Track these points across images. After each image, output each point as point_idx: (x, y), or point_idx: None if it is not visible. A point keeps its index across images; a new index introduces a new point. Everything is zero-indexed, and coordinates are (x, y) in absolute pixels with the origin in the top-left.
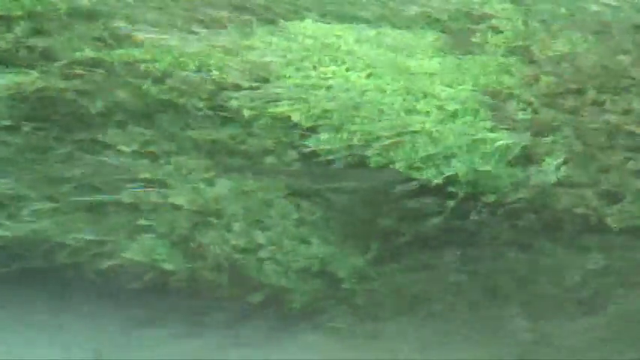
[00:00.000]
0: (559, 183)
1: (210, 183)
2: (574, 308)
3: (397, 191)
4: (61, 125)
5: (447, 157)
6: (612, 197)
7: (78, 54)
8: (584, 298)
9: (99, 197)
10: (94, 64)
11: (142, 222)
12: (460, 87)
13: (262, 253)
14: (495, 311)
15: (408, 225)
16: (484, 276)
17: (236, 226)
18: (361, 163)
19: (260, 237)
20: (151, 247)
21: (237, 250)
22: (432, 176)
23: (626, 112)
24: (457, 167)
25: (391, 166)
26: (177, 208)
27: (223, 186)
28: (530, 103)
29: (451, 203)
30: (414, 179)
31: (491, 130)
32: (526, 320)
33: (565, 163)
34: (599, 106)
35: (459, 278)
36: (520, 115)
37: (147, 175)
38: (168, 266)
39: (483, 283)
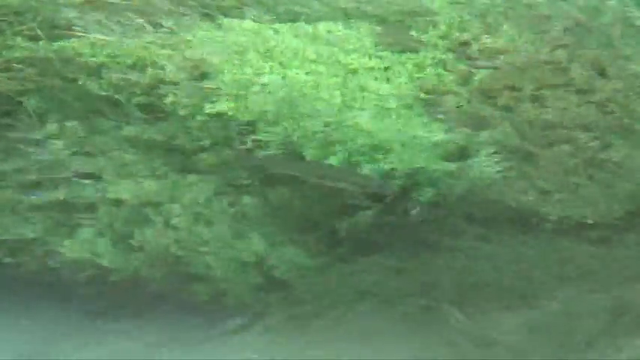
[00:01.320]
0: (494, 178)
1: (148, 178)
2: (511, 302)
3: (334, 186)
4: None
5: (383, 153)
6: (548, 192)
7: (13, 50)
8: (521, 292)
9: (35, 194)
10: (30, 59)
11: (81, 218)
12: (397, 83)
13: (202, 248)
14: (432, 304)
15: (346, 220)
16: (421, 270)
17: (176, 221)
18: (298, 158)
19: (200, 232)
20: (90, 243)
21: (178, 245)
22: (367, 171)
23: (563, 108)
24: (393, 162)
25: (328, 161)
26: (116, 203)
27: (161, 182)
28: (466, 99)
29: (388, 198)
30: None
31: (427, 125)
32: (463, 314)
33: (501, 158)
34: (535, 102)
35: (396, 272)
36: (456, 111)
37: (83, 171)
38: (107, 262)
39: (420, 276)
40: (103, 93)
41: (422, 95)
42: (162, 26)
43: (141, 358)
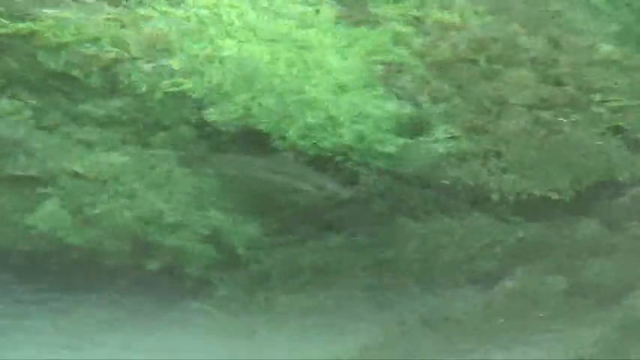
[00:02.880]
0: (449, 153)
1: (107, 153)
2: (467, 281)
3: (290, 161)
4: None
5: (338, 127)
6: (504, 169)
7: None
8: (478, 270)
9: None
10: None
11: (41, 191)
12: (353, 58)
13: (161, 221)
14: (386, 281)
15: (300, 195)
16: (376, 246)
17: (135, 195)
18: (254, 133)
19: (159, 205)
20: (51, 215)
21: (136, 218)
22: (322, 146)
23: (519, 83)
24: (348, 137)
25: (283, 135)
26: (76, 176)
27: (120, 156)
28: (421, 74)
29: (342, 173)
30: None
31: (383, 100)
32: (418, 291)
33: (457, 133)
34: (490, 78)
35: (351, 248)
36: (411, 86)
37: (41, 145)
38: (66, 235)
39: (375, 253)
40: (62, 70)
41: (378, 70)
42: (121, 3)
43: (93, 334)
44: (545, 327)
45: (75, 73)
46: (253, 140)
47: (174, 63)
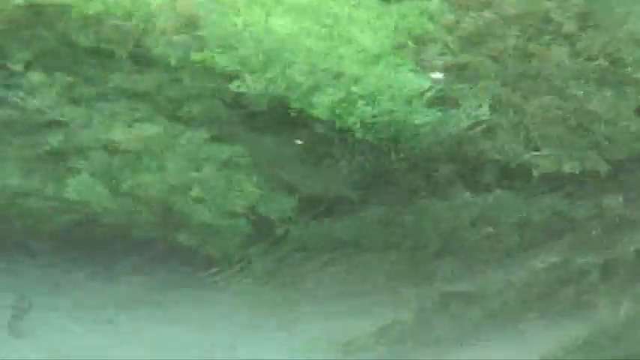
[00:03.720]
0: (477, 128)
1: (138, 126)
2: (496, 260)
3: (319, 134)
4: None
5: (366, 101)
6: (534, 144)
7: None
8: (509, 248)
9: (28, 141)
10: (26, 7)
11: (74, 163)
12: (382, 31)
13: (192, 195)
14: (418, 256)
15: (331, 169)
16: (407, 221)
17: (166, 168)
18: (282, 106)
19: (190, 179)
20: (84, 187)
21: (168, 190)
22: (351, 119)
23: (548, 57)
24: (376, 110)
25: (312, 109)
26: (108, 149)
27: (151, 129)
28: (451, 48)
29: (370, 147)
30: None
31: (413, 74)
32: (449, 268)
33: (486, 108)
34: (520, 52)
35: (383, 223)
36: (441, 60)
37: (73, 119)
38: (99, 207)
39: (406, 228)
40: (93, 43)
41: (408, 44)
42: None
43: (123, 307)
44: (577, 304)
45: (105, 46)
46: (283, 114)
47: (204, 35)
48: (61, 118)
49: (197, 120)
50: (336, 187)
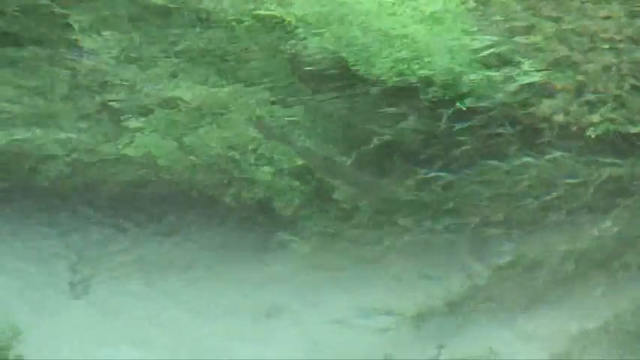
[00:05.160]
0: (536, 89)
1: (200, 85)
2: (554, 224)
3: (379, 95)
4: (41, 35)
5: (425, 60)
6: (592, 104)
7: None
8: (566, 213)
9: (92, 99)
10: None
11: (138, 121)
12: None
13: (254, 154)
14: (472, 221)
15: (389, 130)
16: (461, 184)
17: (228, 126)
18: (342, 66)
19: (252, 138)
20: (148, 145)
21: (230, 149)
22: (411, 80)
23: (607, 17)
24: (434, 69)
25: (371, 68)
26: (170, 107)
27: (213, 88)
28: (510, 8)
29: (430, 108)
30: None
31: (470, 33)
32: (504, 233)
33: (545, 67)
34: (579, 13)
35: (437, 185)
36: (500, 19)
37: (136, 78)
38: (162, 161)
39: (460, 191)
40: (153, 2)
41: (468, 4)
42: None
43: (181, 264)
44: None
45: (165, 4)
46: (343, 74)
47: None
48: (121, 78)
49: (258, 78)
50: (395, 149)
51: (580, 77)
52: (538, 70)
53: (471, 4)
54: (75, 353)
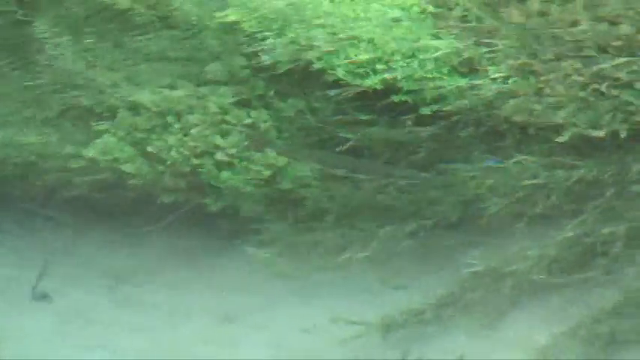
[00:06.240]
0: (500, 92)
1: (163, 89)
2: (518, 228)
3: (339, 98)
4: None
5: (388, 64)
6: (556, 108)
7: None
8: (531, 218)
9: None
10: None
11: (100, 125)
12: None
13: (217, 159)
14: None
15: (352, 134)
16: (427, 188)
17: (193, 131)
18: (304, 69)
19: (215, 143)
20: (110, 148)
21: (193, 154)
22: (373, 82)
23: (572, 23)
24: (398, 74)
25: (332, 71)
26: (133, 111)
27: (175, 91)
28: (474, 12)
29: (391, 111)
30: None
31: (434, 37)
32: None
33: (509, 72)
34: (542, 17)
35: (402, 189)
36: (463, 24)
37: (98, 81)
38: (126, 168)
39: (425, 195)
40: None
41: (430, 8)
42: None
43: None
44: (605, 273)
45: (127, 8)
46: (305, 77)
47: None
48: (85, 82)
49: (221, 82)
50: (359, 153)
51: (543, 82)
52: (502, 76)
53: (434, 8)
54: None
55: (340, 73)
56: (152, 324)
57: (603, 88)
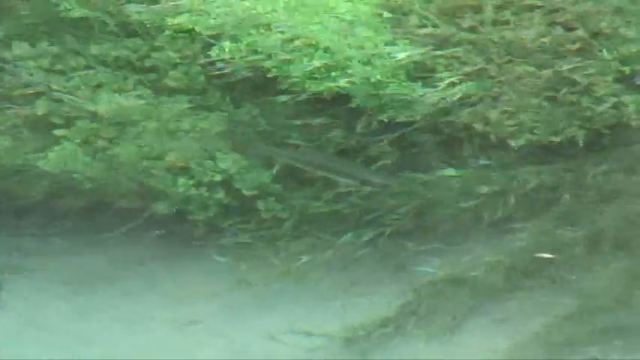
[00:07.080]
0: (455, 99)
1: (120, 96)
2: (475, 235)
3: (295, 104)
4: None
5: (344, 70)
6: (512, 115)
7: None
8: (489, 224)
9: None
10: None
11: (57, 133)
12: (360, 0)
13: (169, 164)
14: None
15: (308, 142)
16: (381, 195)
17: (146, 138)
18: (259, 75)
19: (169, 149)
20: (66, 157)
21: (148, 160)
22: (329, 89)
23: (527, 27)
24: (354, 80)
25: (287, 78)
26: (90, 119)
27: (132, 99)
28: (429, 19)
29: (348, 118)
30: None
31: (389, 44)
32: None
33: (464, 79)
34: (499, 23)
35: (359, 196)
36: (419, 30)
37: (56, 88)
38: (82, 173)
39: (380, 203)
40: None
41: (385, 13)
42: None
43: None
44: (563, 278)
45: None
46: (261, 84)
47: (179, 2)
48: (43, 90)
49: (178, 89)
50: (313, 159)
51: (499, 88)
52: (458, 81)
53: (390, 14)
54: None
55: (295, 79)
56: (110, 332)
57: (559, 93)
